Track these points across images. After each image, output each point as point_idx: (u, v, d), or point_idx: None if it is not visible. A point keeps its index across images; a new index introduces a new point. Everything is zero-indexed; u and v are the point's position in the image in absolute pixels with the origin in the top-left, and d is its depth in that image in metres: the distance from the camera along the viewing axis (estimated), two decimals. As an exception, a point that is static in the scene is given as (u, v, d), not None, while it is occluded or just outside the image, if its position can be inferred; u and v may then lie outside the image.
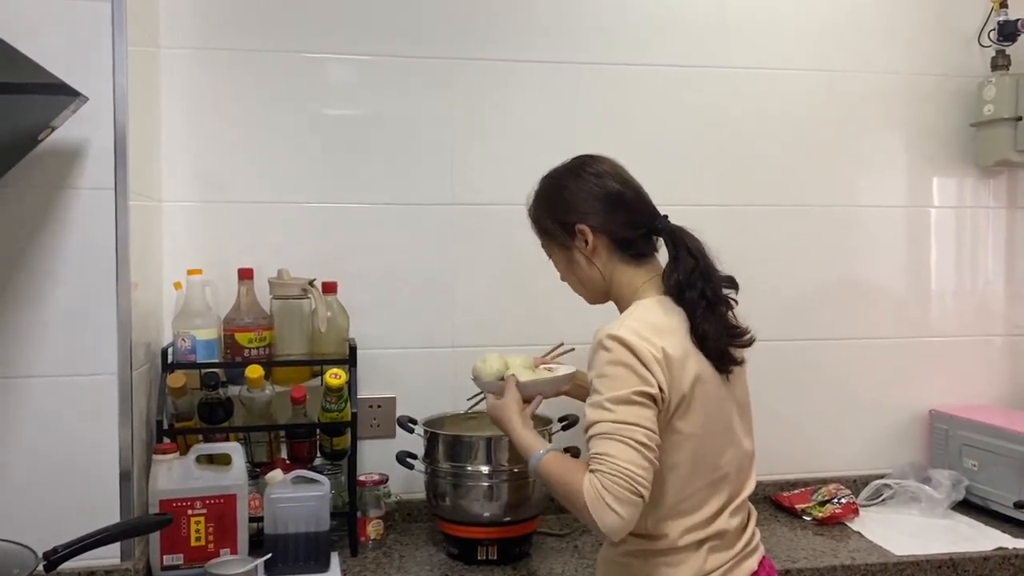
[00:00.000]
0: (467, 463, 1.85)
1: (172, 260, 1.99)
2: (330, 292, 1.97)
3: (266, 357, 1.90)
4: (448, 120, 2.14)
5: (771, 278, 2.28)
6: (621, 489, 1.27)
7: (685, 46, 2.24)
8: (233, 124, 2.05)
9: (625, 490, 1.27)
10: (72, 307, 1.62)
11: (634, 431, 1.31)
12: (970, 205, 2.43)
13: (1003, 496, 2.12)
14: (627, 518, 1.28)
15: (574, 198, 1.52)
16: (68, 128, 1.55)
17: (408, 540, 2.00)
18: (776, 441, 2.22)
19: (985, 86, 2.30)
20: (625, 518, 1.28)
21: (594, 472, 1.30)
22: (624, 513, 1.27)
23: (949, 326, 2.42)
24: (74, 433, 1.62)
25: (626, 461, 1.29)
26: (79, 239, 1.61)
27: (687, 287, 1.44)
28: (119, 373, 1.64)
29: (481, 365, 1.70)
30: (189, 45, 2.02)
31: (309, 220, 2.09)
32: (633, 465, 1.29)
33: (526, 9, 2.17)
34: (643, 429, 1.31)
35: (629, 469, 1.28)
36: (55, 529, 1.40)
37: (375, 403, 2.11)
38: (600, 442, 1.31)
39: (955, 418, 2.29)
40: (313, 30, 2.07)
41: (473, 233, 2.15)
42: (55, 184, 1.60)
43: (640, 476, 1.29)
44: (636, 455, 1.29)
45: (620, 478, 1.27)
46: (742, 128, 2.27)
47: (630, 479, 1.28)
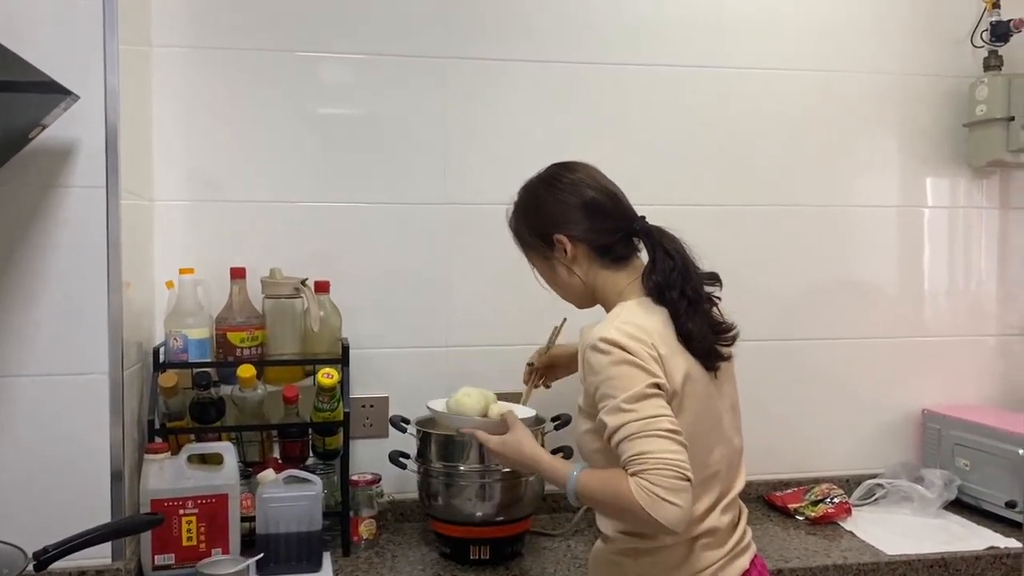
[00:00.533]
0: (460, 463, 1.85)
1: (164, 259, 1.98)
2: (323, 291, 1.97)
3: (258, 356, 1.90)
4: (442, 119, 2.14)
5: (764, 278, 2.28)
6: (670, 480, 1.26)
7: (680, 46, 2.24)
8: (226, 123, 2.04)
9: (674, 479, 1.26)
10: (63, 306, 1.61)
11: (659, 422, 1.30)
12: (963, 205, 2.43)
13: (995, 496, 2.12)
14: (685, 506, 1.27)
15: (551, 209, 1.52)
16: (59, 126, 1.55)
17: (401, 540, 2.00)
18: (769, 440, 2.24)
19: (978, 86, 2.31)
20: (683, 506, 1.27)
21: (637, 474, 1.28)
22: (680, 501, 1.26)
23: (942, 326, 2.42)
24: (65, 432, 1.62)
25: (664, 452, 1.28)
26: (70, 238, 1.61)
27: (667, 287, 1.44)
28: (110, 372, 1.64)
29: (464, 399, 1.67)
30: (182, 44, 2.01)
31: (302, 219, 2.08)
32: (671, 453, 1.28)
33: (520, 8, 2.17)
34: (666, 417, 1.31)
35: (669, 458, 1.28)
36: (45, 529, 1.40)
37: (368, 403, 2.10)
38: (632, 443, 1.30)
39: (947, 418, 2.29)
40: (306, 29, 2.07)
41: (467, 232, 2.15)
42: (46, 183, 1.60)
43: (682, 461, 1.28)
44: (670, 443, 1.29)
45: (665, 469, 1.27)
46: (737, 128, 2.27)
47: (674, 467, 1.27)
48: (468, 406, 1.66)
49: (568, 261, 1.51)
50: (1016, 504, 2.05)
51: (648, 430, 1.30)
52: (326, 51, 2.09)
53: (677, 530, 1.29)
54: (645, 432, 1.30)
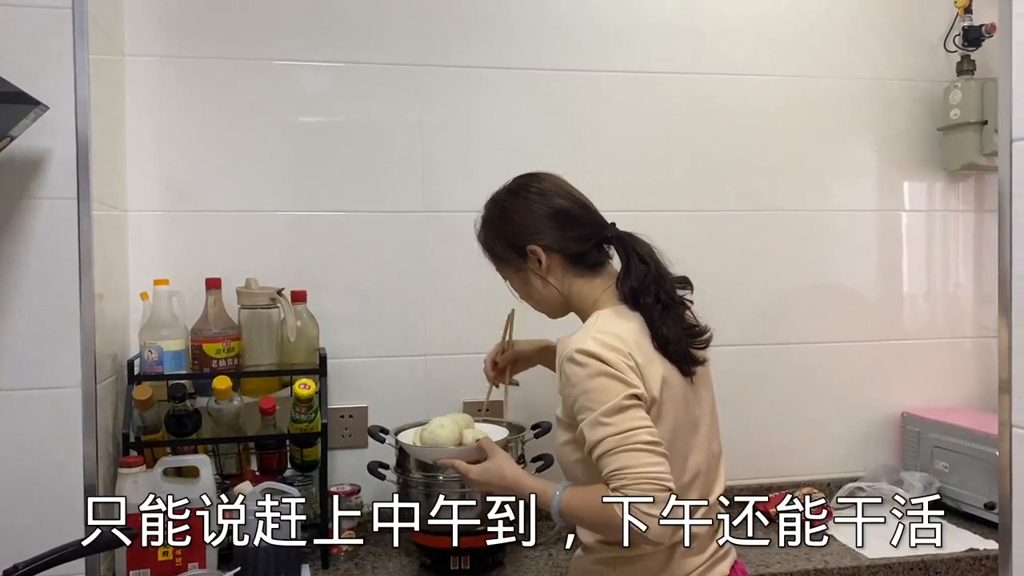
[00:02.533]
0: (439, 473, 1.83)
1: (138, 270, 1.96)
2: (299, 301, 1.95)
3: (234, 368, 1.88)
4: (418, 127, 2.13)
5: (742, 282, 2.29)
6: (650, 493, 1.27)
7: (654, 52, 2.24)
8: (201, 132, 2.03)
9: (654, 492, 1.27)
10: (34, 318, 1.59)
11: (638, 434, 1.31)
12: (939, 209, 2.45)
13: (974, 497, 2.13)
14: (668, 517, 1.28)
15: (522, 219, 1.52)
16: (28, 137, 1.53)
17: (380, 551, 1.98)
18: (749, 445, 2.24)
19: (951, 91, 2.32)
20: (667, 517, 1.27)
21: (618, 489, 1.29)
22: (664, 513, 1.27)
23: (920, 329, 2.43)
24: (37, 447, 1.60)
25: (643, 466, 1.29)
26: (41, 249, 1.59)
27: (642, 293, 1.44)
28: (83, 385, 1.62)
29: (439, 431, 1.68)
30: (155, 53, 2.00)
31: (278, 229, 2.07)
32: (650, 466, 1.29)
33: (495, 16, 2.16)
34: (645, 429, 1.32)
35: (649, 471, 1.28)
36: (17, 545, 1.37)
37: (346, 413, 2.09)
38: (611, 458, 1.31)
39: (926, 420, 2.31)
40: (281, 37, 2.06)
41: (444, 240, 2.14)
42: (15, 194, 1.58)
43: (662, 473, 1.29)
44: (649, 456, 1.30)
45: (645, 483, 1.27)
46: (712, 133, 2.28)
47: (654, 480, 1.28)
48: (443, 437, 1.67)
49: (543, 272, 1.51)
50: (995, 506, 2.06)
51: (627, 444, 1.30)
52: (302, 59, 2.08)
53: (662, 542, 1.31)
54: (624, 446, 1.30)
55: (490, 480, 1.53)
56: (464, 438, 1.68)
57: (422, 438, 1.71)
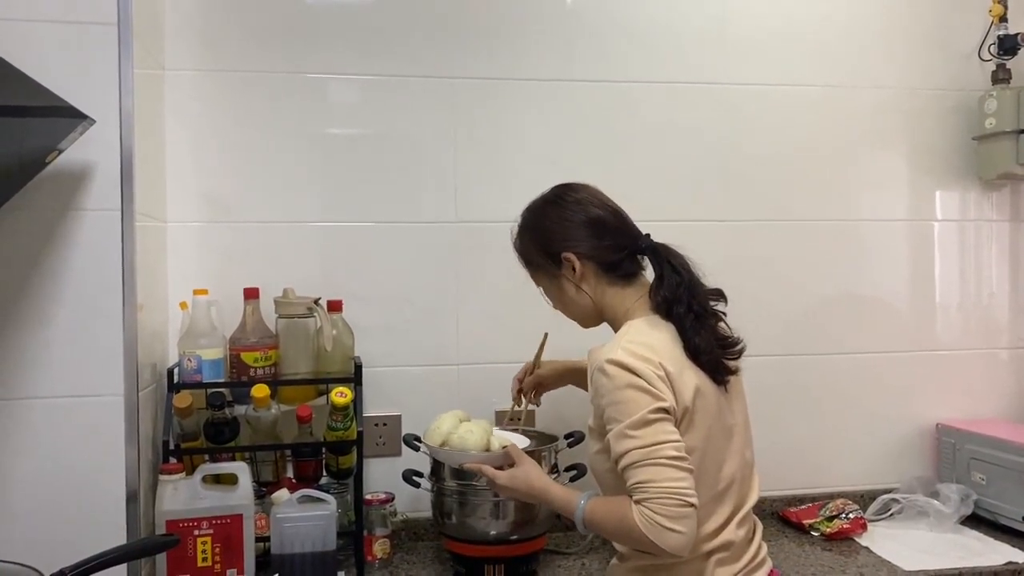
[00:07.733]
0: (473, 481, 1.84)
1: (178, 280, 1.99)
2: (335, 311, 1.97)
3: (272, 376, 1.90)
4: (451, 138, 2.16)
5: (775, 293, 2.29)
6: (672, 508, 1.29)
7: (685, 63, 2.25)
8: (238, 144, 2.06)
9: (675, 507, 1.29)
10: (78, 328, 1.62)
11: (663, 449, 1.32)
12: (973, 218, 2.43)
13: (1012, 510, 2.11)
14: (688, 532, 1.30)
15: (558, 227, 1.54)
16: (75, 150, 1.57)
17: (415, 559, 1.99)
18: (783, 456, 2.23)
19: (986, 100, 2.31)
20: (686, 533, 1.30)
21: (640, 502, 1.31)
22: (683, 528, 1.29)
23: (954, 340, 2.41)
24: (80, 454, 1.63)
25: (666, 480, 1.30)
26: (85, 260, 1.62)
27: (675, 303, 1.45)
28: (125, 394, 1.64)
29: (468, 436, 1.69)
30: (194, 67, 2.03)
31: (314, 239, 2.10)
32: (673, 481, 1.30)
33: (526, 28, 2.18)
34: (670, 444, 1.33)
35: (671, 487, 1.30)
36: (62, 551, 1.39)
37: (381, 421, 2.11)
38: (635, 471, 1.33)
39: (962, 432, 2.28)
40: (316, 51, 2.09)
41: (477, 251, 2.15)
42: (62, 206, 1.61)
43: (684, 488, 1.30)
44: (673, 471, 1.31)
45: (666, 498, 1.29)
46: (744, 144, 2.28)
47: (676, 495, 1.29)
48: (471, 443, 1.68)
49: (576, 279, 1.52)
50: (1033, 518, 2.04)
51: (651, 458, 1.31)
52: (336, 72, 2.11)
53: (682, 555, 1.32)
54: (648, 460, 1.32)
55: (517, 486, 1.54)
56: (491, 444, 1.69)
57: (451, 441, 1.72)
